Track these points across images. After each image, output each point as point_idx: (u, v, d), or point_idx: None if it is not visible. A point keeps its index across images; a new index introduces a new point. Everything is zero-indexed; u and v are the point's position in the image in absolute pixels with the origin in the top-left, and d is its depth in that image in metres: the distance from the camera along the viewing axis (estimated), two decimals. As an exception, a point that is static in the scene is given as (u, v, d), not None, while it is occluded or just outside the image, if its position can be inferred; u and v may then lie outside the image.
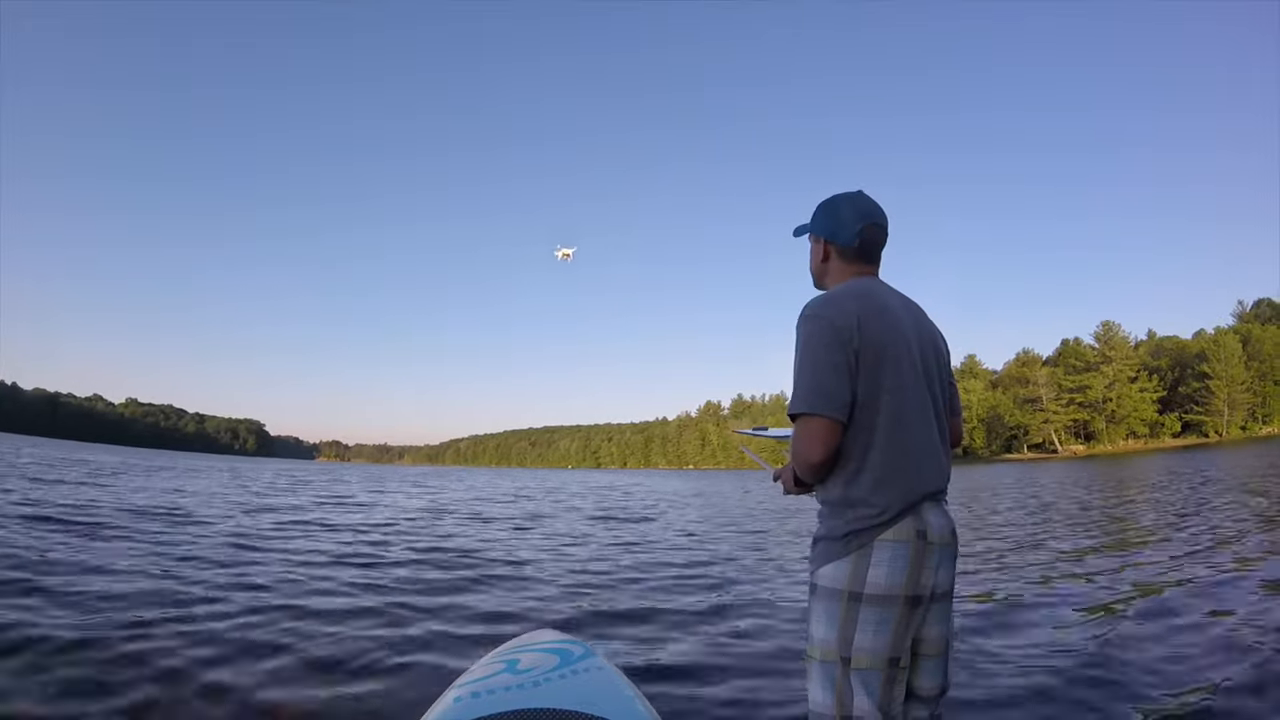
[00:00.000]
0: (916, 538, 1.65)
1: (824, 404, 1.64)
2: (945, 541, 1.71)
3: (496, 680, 1.96)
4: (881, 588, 1.62)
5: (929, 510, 1.70)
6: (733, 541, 10.10)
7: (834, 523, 1.71)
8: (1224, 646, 4.00)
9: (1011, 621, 4.77)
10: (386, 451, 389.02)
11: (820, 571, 1.71)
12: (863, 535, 1.65)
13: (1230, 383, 71.09)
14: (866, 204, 1.90)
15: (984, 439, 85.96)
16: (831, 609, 1.66)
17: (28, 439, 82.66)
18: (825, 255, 1.93)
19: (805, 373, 1.68)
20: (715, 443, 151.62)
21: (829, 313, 1.71)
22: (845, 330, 1.67)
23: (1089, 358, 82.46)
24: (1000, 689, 3.47)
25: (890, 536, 1.64)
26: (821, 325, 1.69)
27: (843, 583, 1.65)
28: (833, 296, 1.77)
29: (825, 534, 1.74)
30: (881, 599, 1.62)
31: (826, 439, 1.65)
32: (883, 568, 1.63)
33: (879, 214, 1.90)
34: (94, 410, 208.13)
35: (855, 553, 1.65)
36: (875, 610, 1.62)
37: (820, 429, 1.65)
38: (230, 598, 5.12)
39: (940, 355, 1.89)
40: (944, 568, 1.71)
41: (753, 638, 4.52)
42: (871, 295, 1.78)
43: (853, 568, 1.65)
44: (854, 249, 1.88)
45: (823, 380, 1.65)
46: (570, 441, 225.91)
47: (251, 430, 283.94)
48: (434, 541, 9.25)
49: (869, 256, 1.91)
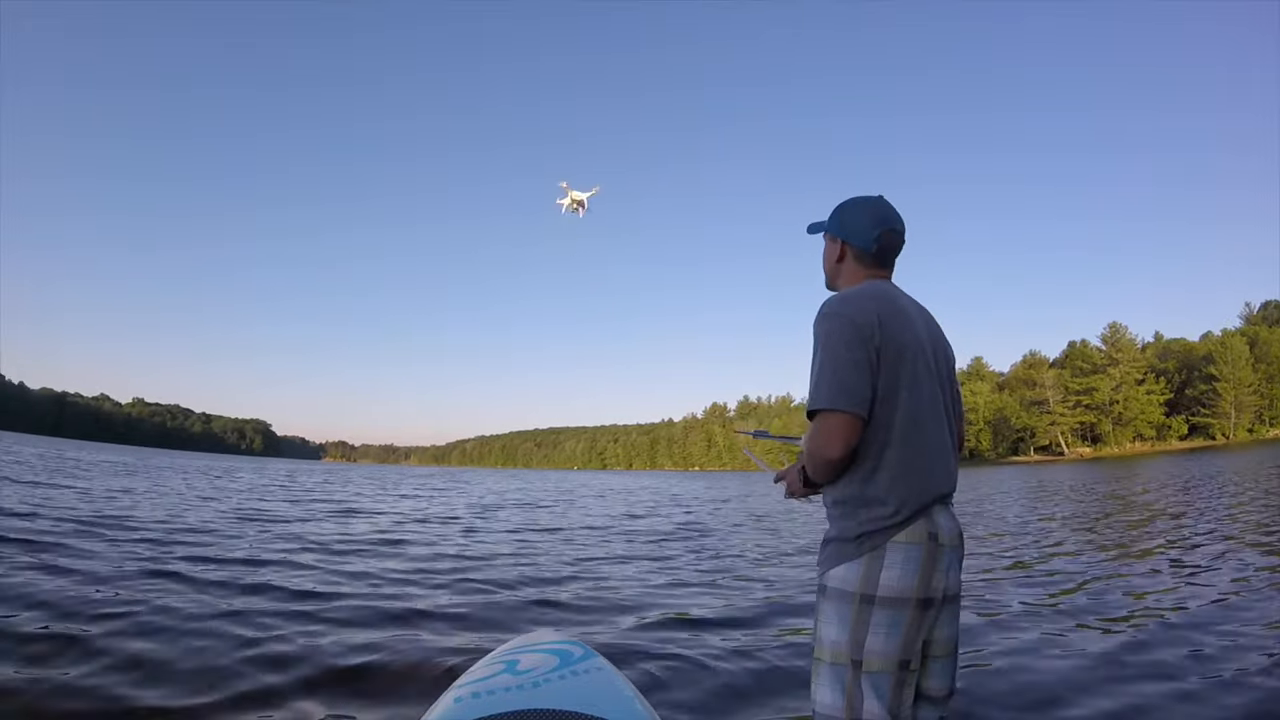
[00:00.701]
0: (929, 540, 1.65)
1: (846, 400, 1.63)
2: (954, 544, 1.71)
3: (496, 681, 1.96)
4: (894, 590, 1.62)
5: (939, 513, 1.70)
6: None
7: (846, 524, 1.70)
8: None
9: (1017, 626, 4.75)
10: (392, 452, 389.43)
11: (831, 573, 1.70)
12: (876, 537, 1.65)
13: (1237, 385, 70.77)
14: (886, 210, 1.91)
15: (990, 441, 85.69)
16: (843, 611, 1.65)
17: (33, 438, 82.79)
18: (841, 256, 1.94)
19: (826, 369, 1.67)
20: (721, 444, 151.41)
21: (849, 310, 1.71)
22: (866, 328, 1.68)
23: (1096, 360, 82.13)
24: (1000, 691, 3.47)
25: (903, 539, 1.64)
26: (842, 322, 1.69)
27: (855, 584, 1.64)
28: (851, 295, 1.78)
29: (837, 535, 1.73)
30: (894, 601, 1.61)
31: (847, 435, 1.64)
32: (896, 570, 1.62)
33: (898, 221, 1.91)
34: (101, 410, 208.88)
35: (868, 554, 1.64)
36: (887, 613, 1.61)
37: (841, 425, 1.64)
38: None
39: (950, 361, 1.91)
40: (953, 570, 1.71)
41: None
42: (889, 297, 1.79)
43: (865, 569, 1.64)
44: (871, 253, 1.89)
45: (844, 376, 1.65)
46: (576, 443, 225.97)
47: (258, 430, 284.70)
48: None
49: (884, 261, 1.91)
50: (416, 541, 9.38)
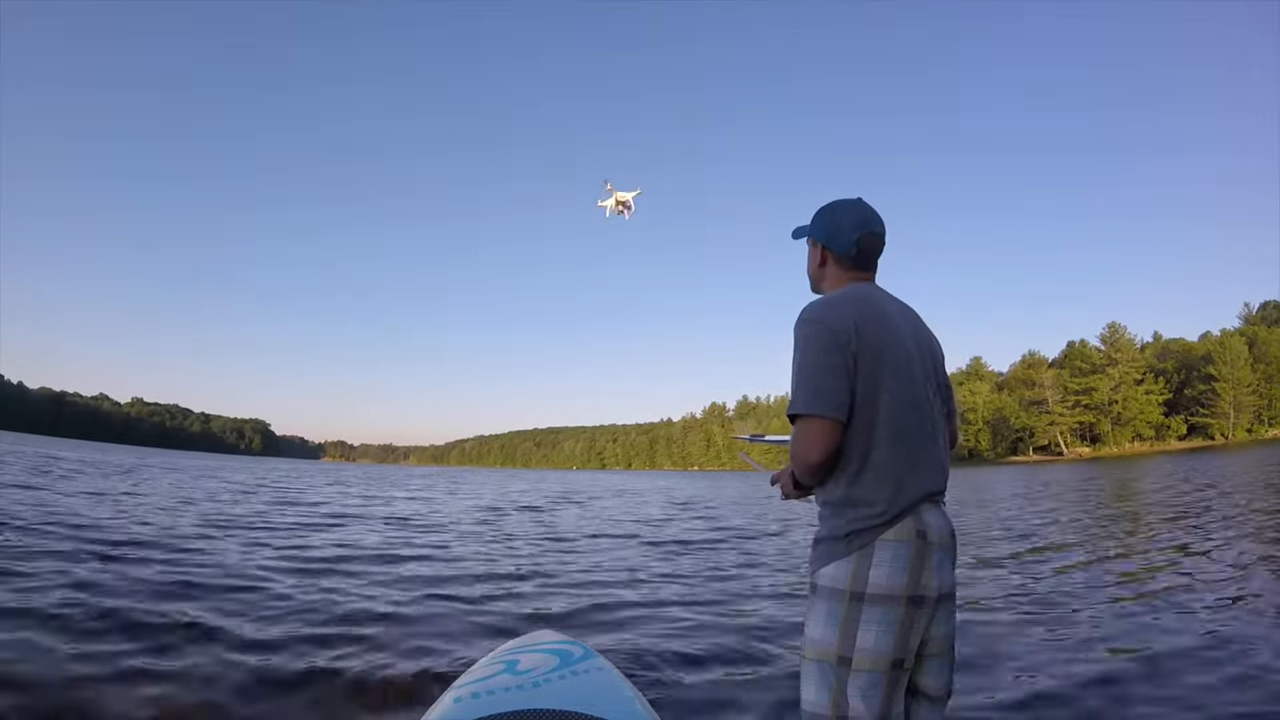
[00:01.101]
0: (917, 537, 1.66)
1: (822, 405, 1.65)
2: (945, 543, 1.72)
3: (496, 681, 1.96)
4: (883, 587, 1.62)
5: (928, 511, 1.71)
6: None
7: (835, 523, 1.71)
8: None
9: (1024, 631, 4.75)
10: (391, 452, 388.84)
11: (821, 571, 1.71)
12: (864, 535, 1.66)
13: (1236, 385, 70.84)
14: (865, 212, 1.92)
15: (989, 441, 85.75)
16: (833, 609, 1.66)
17: (31, 438, 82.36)
18: (822, 260, 1.96)
19: (803, 375, 1.70)
20: (720, 444, 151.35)
21: (826, 316, 1.73)
22: (843, 333, 1.70)
23: (1095, 360, 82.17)
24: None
25: (891, 536, 1.65)
26: (819, 329, 1.72)
27: (844, 582, 1.65)
28: (830, 300, 1.80)
29: (827, 534, 1.74)
30: (884, 599, 1.62)
31: (825, 440, 1.66)
32: (884, 567, 1.63)
33: (877, 223, 1.92)
34: (100, 410, 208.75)
35: (857, 552, 1.65)
36: (878, 610, 1.62)
37: (819, 430, 1.66)
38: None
39: (937, 360, 1.92)
40: (944, 568, 1.70)
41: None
42: (869, 300, 1.80)
43: (854, 567, 1.65)
44: (850, 257, 1.91)
45: (820, 382, 1.67)
46: (575, 442, 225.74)
47: (257, 430, 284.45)
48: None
49: (865, 264, 1.93)
50: (470, 558, 8.20)
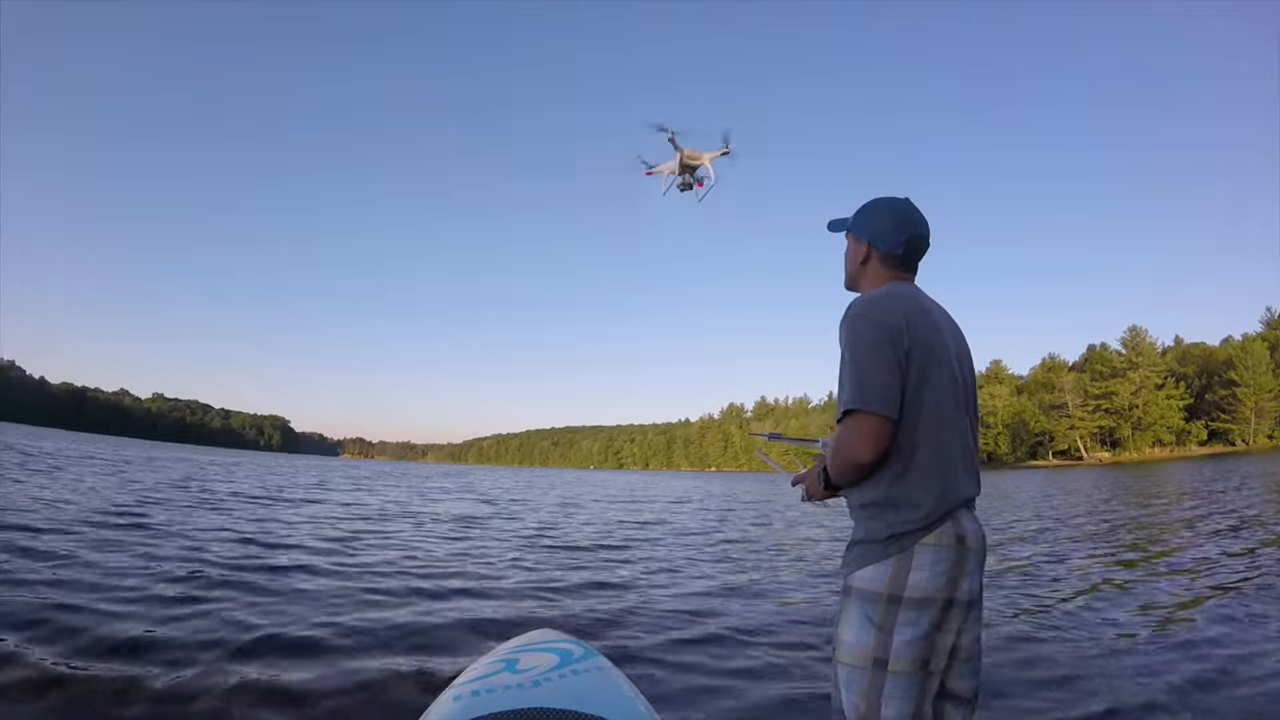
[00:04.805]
0: (957, 543, 1.65)
1: (876, 401, 1.63)
2: (979, 548, 1.71)
3: (496, 679, 1.95)
4: (922, 590, 1.61)
5: (965, 516, 1.70)
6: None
7: (874, 525, 1.70)
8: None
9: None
10: (410, 449, 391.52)
11: (857, 574, 1.70)
12: (904, 539, 1.65)
13: (1258, 390, 69.79)
14: (913, 213, 1.90)
15: (1009, 445, 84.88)
16: (869, 611, 1.65)
17: (52, 432, 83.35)
18: (865, 258, 1.93)
19: (856, 370, 1.67)
20: (738, 445, 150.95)
21: (877, 312, 1.72)
22: (895, 330, 1.68)
23: (1115, 364, 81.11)
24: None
25: (932, 540, 1.64)
26: (870, 323, 1.70)
27: (882, 585, 1.64)
28: (878, 297, 1.78)
29: (864, 537, 1.72)
30: (920, 602, 1.61)
31: (878, 437, 1.63)
32: (924, 571, 1.62)
33: (924, 225, 1.90)
34: (120, 405, 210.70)
35: (896, 556, 1.64)
36: (913, 613, 1.61)
37: (872, 427, 1.63)
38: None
39: (970, 364, 1.91)
40: (976, 574, 1.70)
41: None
42: (913, 299, 1.79)
43: (893, 570, 1.64)
44: (897, 256, 1.89)
45: (875, 377, 1.64)
46: (592, 442, 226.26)
47: (276, 426, 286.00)
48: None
49: (909, 264, 1.91)
50: (473, 556, 8.86)
